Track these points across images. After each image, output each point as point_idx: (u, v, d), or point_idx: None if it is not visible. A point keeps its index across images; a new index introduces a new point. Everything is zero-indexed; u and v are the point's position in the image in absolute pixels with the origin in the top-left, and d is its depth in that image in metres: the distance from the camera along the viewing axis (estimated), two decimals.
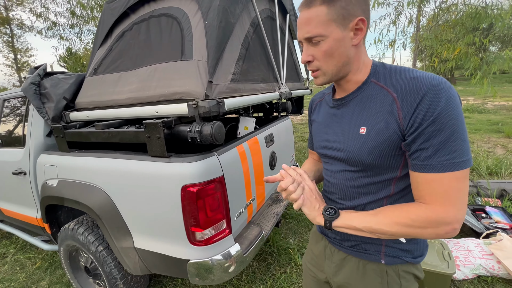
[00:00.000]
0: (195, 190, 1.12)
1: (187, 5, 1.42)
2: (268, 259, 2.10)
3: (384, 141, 0.59)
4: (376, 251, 0.70)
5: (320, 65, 0.65)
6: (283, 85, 2.09)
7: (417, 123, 0.53)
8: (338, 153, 0.71)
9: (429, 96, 0.52)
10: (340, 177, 0.72)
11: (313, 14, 0.60)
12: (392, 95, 0.59)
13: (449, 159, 0.52)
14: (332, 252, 0.81)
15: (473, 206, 2.40)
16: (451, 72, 20.23)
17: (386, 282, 0.69)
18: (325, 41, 0.61)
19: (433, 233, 0.55)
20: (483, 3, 3.03)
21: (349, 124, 0.68)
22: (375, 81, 0.64)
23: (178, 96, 1.26)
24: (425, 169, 0.54)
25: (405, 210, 0.58)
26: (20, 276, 2.13)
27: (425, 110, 0.52)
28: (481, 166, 3.53)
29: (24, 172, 1.79)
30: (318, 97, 0.88)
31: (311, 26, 0.61)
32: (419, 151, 0.54)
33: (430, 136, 0.52)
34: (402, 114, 0.56)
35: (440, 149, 0.52)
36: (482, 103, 9.73)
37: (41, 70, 1.77)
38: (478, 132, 5.79)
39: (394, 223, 0.58)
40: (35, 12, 6.30)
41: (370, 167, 0.64)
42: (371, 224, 0.60)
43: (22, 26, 19.46)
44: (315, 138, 0.82)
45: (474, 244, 1.86)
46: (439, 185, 0.53)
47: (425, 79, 0.54)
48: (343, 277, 0.77)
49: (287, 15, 2.40)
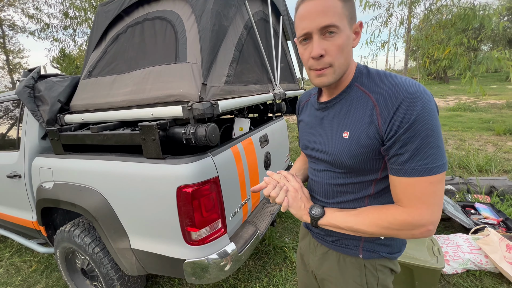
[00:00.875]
0: (190, 191, 1.14)
1: (180, 9, 1.44)
2: (264, 257, 2.13)
3: (365, 146, 0.61)
4: (355, 246, 0.74)
5: (332, 60, 0.60)
6: (277, 86, 2.12)
7: (394, 129, 0.55)
8: (322, 155, 0.73)
9: (406, 104, 0.54)
10: (323, 176, 0.75)
11: (330, 4, 0.58)
12: (373, 101, 0.60)
13: (424, 164, 0.54)
14: (316, 246, 0.85)
15: (463, 202, 2.47)
16: (444, 71, 20.54)
17: (364, 275, 0.74)
18: (339, 35, 0.59)
19: (409, 234, 0.59)
20: (471, 4, 3.11)
21: (333, 128, 0.69)
22: (358, 85, 0.66)
23: (173, 99, 1.28)
24: (402, 173, 0.57)
25: (384, 212, 0.62)
26: (15, 279, 2.12)
27: (402, 117, 0.54)
28: (471, 163, 3.61)
29: (19, 175, 1.79)
30: (305, 98, 0.89)
31: (328, 15, 0.58)
32: (396, 156, 0.57)
33: (405, 142, 0.54)
34: (381, 120, 0.58)
35: (415, 155, 0.54)
36: (474, 102, 9.91)
37: (35, 73, 1.77)
38: (470, 130, 5.91)
39: (374, 224, 0.62)
40: (27, 13, 6.23)
41: (352, 170, 0.67)
42: (352, 224, 0.65)
43: (14, 27, 19.18)
44: (302, 138, 0.84)
45: (463, 240, 1.92)
46: (414, 189, 0.56)
47: (404, 87, 0.56)
48: (325, 270, 0.81)
49: (281, 16, 2.43)
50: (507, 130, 5.39)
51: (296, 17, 0.64)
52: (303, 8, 0.61)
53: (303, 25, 0.61)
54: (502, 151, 4.28)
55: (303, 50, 0.64)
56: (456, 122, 6.92)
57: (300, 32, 0.62)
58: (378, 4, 3.43)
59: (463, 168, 3.69)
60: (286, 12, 2.55)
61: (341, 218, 0.67)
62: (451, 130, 6.07)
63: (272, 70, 2.11)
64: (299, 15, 0.62)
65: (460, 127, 6.24)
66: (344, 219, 0.66)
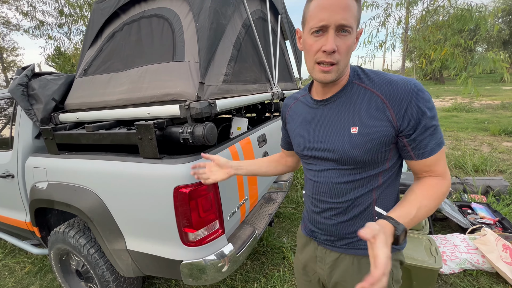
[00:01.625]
0: (187, 191, 1.13)
1: (178, 6, 1.42)
2: (262, 258, 2.12)
3: (377, 138, 0.65)
4: None
5: (339, 59, 0.62)
6: (275, 86, 2.11)
7: (412, 121, 0.62)
8: (326, 154, 0.72)
9: (415, 96, 0.61)
10: (328, 176, 0.73)
11: (350, 3, 0.58)
12: (379, 96, 0.64)
13: (439, 139, 0.64)
14: (324, 254, 0.81)
15: (459, 202, 2.48)
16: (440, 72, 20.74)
17: None
18: (351, 36, 0.61)
19: (446, 195, 0.67)
20: (467, 5, 3.14)
21: (338, 124, 0.69)
22: (357, 82, 0.68)
23: (170, 98, 1.26)
24: (430, 153, 0.64)
25: (435, 188, 0.66)
26: (9, 281, 2.08)
27: (416, 110, 0.61)
28: (467, 163, 3.64)
29: (12, 175, 1.76)
30: (291, 101, 0.88)
31: (348, 15, 0.58)
32: (421, 141, 0.63)
33: (426, 128, 0.62)
34: (394, 114, 0.63)
35: (434, 135, 0.63)
36: (469, 102, 10.01)
37: (28, 71, 1.73)
38: (466, 131, 5.97)
39: (435, 203, 0.64)
40: (21, 11, 6.13)
41: (362, 164, 0.68)
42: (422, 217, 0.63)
43: (8, 24, 18.89)
44: (296, 140, 0.82)
45: (460, 240, 1.93)
46: (440, 160, 0.65)
47: (405, 83, 0.63)
48: (338, 276, 0.78)
49: (279, 16, 2.42)
50: (502, 130, 5.45)
51: (313, 5, 0.61)
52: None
53: (322, 15, 0.59)
54: (498, 151, 4.32)
55: (313, 42, 0.62)
56: (452, 122, 6.98)
57: (316, 23, 0.60)
58: (376, 4, 3.44)
59: (459, 168, 3.72)
60: (285, 11, 2.54)
61: (416, 220, 0.61)
62: (447, 130, 6.12)
63: (270, 69, 2.09)
64: (319, 5, 0.60)
65: (456, 128, 6.29)
66: (418, 219, 0.61)
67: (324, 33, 0.60)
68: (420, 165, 0.67)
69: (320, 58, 0.62)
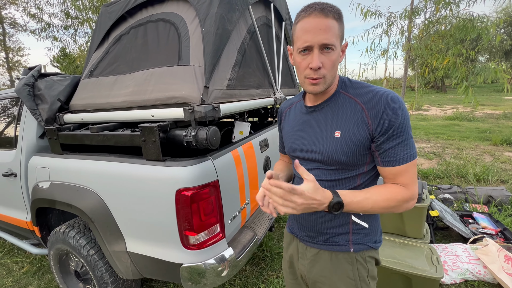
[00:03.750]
0: (189, 194, 1.13)
1: (184, 11, 1.45)
2: (261, 263, 2.11)
3: (356, 142, 0.71)
4: (345, 241, 0.79)
5: (325, 73, 0.69)
6: (278, 91, 2.13)
7: (384, 127, 0.67)
8: (313, 155, 0.79)
9: (390, 107, 0.67)
10: (315, 175, 0.75)
11: (331, 24, 0.66)
12: (360, 104, 0.71)
13: (410, 152, 0.68)
14: (305, 250, 0.86)
15: (461, 212, 2.47)
16: (441, 81, 20.79)
17: (356, 269, 0.79)
18: (334, 52, 0.68)
19: (404, 207, 0.70)
20: (470, 16, 3.17)
21: (324, 128, 0.76)
22: (343, 92, 0.76)
23: (174, 101, 1.27)
24: (397, 162, 0.69)
25: (393, 192, 0.70)
26: (6, 280, 2.07)
27: (389, 118, 0.67)
28: (469, 173, 3.63)
29: (15, 174, 1.76)
30: (287, 105, 0.95)
31: (329, 34, 0.66)
32: (389, 150, 0.69)
33: (395, 137, 0.67)
34: (371, 120, 0.69)
35: (404, 146, 0.68)
36: (471, 112, 10.01)
37: (35, 71, 1.75)
38: (467, 140, 5.96)
39: (386, 204, 0.69)
40: (28, 12, 6.23)
41: (343, 165, 0.74)
42: (368, 208, 0.69)
43: (15, 25, 19.16)
44: (288, 142, 0.88)
45: (462, 249, 1.91)
46: (408, 172, 0.69)
47: (384, 93, 0.69)
48: (317, 272, 0.83)
49: (283, 22, 2.45)
50: (504, 140, 5.44)
51: (298, 27, 0.69)
52: (307, 22, 0.67)
53: (306, 37, 0.67)
54: (499, 161, 4.31)
55: (301, 59, 0.71)
56: (454, 131, 6.97)
57: (301, 44, 0.68)
58: (379, 13, 3.48)
59: (461, 177, 3.70)
60: (289, 18, 2.57)
61: (358, 206, 0.68)
62: (449, 139, 6.12)
63: (274, 75, 2.11)
64: (302, 28, 0.68)
65: (458, 136, 6.29)
66: (361, 206, 0.69)
67: (310, 52, 0.68)
68: (386, 173, 0.72)
69: (309, 74, 0.70)
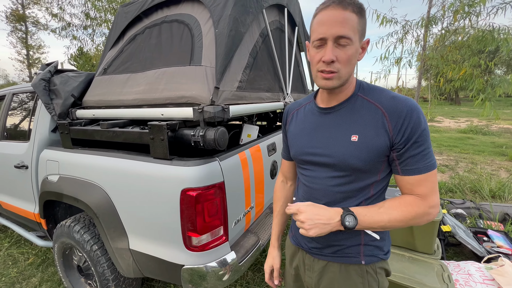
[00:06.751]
0: (194, 194, 1.12)
1: (199, 13, 1.46)
2: (263, 270, 2.06)
3: (374, 148, 0.68)
4: (356, 253, 0.76)
5: (340, 67, 0.66)
6: (288, 95, 2.11)
7: (406, 136, 0.65)
8: (324, 159, 0.74)
9: (414, 115, 0.64)
10: (325, 183, 0.75)
11: (348, 16, 0.63)
12: (381, 109, 0.68)
13: (430, 161, 0.66)
14: (312, 262, 0.83)
15: (475, 228, 2.36)
16: (456, 92, 20.31)
17: (366, 281, 0.76)
18: (351, 47, 0.65)
19: (425, 220, 0.67)
20: (489, 27, 3.08)
21: (339, 132, 0.72)
22: (361, 95, 0.72)
23: (184, 100, 1.27)
24: (417, 172, 0.66)
25: (409, 204, 0.67)
26: (11, 271, 2.10)
27: (412, 126, 0.64)
28: (484, 188, 3.49)
29: (26, 166, 1.80)
30: (294, 107, 0.89)
31: (346, 27, 0.63)
32: (409, 158, 0.66)
33: (416, 146, 0.65)
34: (392, 126, 0.66)
35: (425, 155, 0.66)
36: (486, 125, 9.71)
37: (52, 67, 1.80)
38: (482, 154, 5.75)
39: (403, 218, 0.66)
40: (51, 12, 6.49)
41: (358, 171, 0.70)
42: (384, 223, 0.67)
43: (37, 24, 19.99)
44: (296, 145, 0.83)
45: (475, 268, 1.82)
46: (427, 181, 0.66)
47: (406, 100, 0.66)
48: (325, 284, 0.80)
49: (296, 27, 2.45)
50: None
51: (315, 21, 0.68)
52: (324, 14, 0.65)
53: (321, 29, 0.65)
54: None
55: (314, 53, 0.68)
56: (468, 144, 6.75)
57: (316, 36, 0.66)
58: (395, 21, 3.43)
59: (475, 192, 3.56)
60: (302, 24, 2.56)
61: (373, 220, 0.67)
62: (462, 152, 5.92)
63: (284, 79, 2.10)
64: (318, 20, 0.66)
65: (472, 150, 6.08)
66: (376, 220, 0.67)
67: (324, 45, 0.66)
68: (404, 182, 0.69)
69: (321, 67, 0.67)
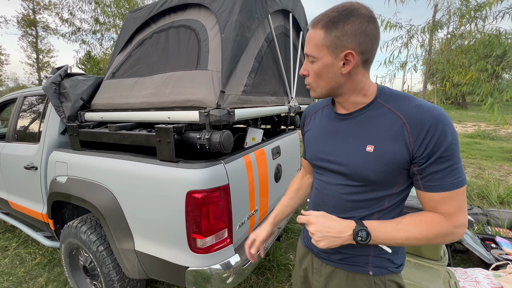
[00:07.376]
0: (200, 197, 1.13)
1: (205, 18, 1.49)
2: (267, 273, 2.06)
3: (391, 160, 0.64)
4: (364, 263, 0.73)
5: (310, 81, 0.71)
6: (292, 99, 2.12)
7: (428, 149, 0.60)
8: (338, 167, 0.72)
9: (440, 127, 0.59)
10: (337, 190, 0.73)
11: (313, 35, 0.66)
12: (402, 119, 0.63)
13: (458, 178, 0.61)
14: (320, 266, 0.82)
15: (482, 235, 2.32)
16: (462, 97, 20.05)
17: None
18: (316, 63, 0.67)
19: (450, 239, 0.63)
20: (496, 31, 3.06)
21: (354, 140, 0.69)
22: (381, 102, 0.68)
23: (191, 104, 1.29)
24: (442, 188, 0.61)
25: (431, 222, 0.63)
26: (19, 270, 2.14)
27: (436, 139, 0.59)
28: (491, 194, 3.42)
29: (36, 167, 1.84)
30: (313, 109, 0.90)
31: (309, 45, 0.68)
32: (433, 173, 0.61)
33: (441, 161, 0.60)
34: (413, 138, 0.61)
35: (451, 171, 0.60)
36: (494, 130, 9.55)
37: (62, 71, 1.85)
38: (490, 159, 5.65)
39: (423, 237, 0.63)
40: (61, 17, 6.66)
41: (372, 183, 0.67)
42: (401, 241, 0.64)
43: (47, 28, 20.51)
44: (310, 148, 0.82)
45: (483, 275, 1.78)
46: (453, 200, 0.61)
47: (431, 109, 0.61)
48: None
49: (301, 32, 2.47)
50: None
51: None
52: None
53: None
54: None
55: None
56: (475, 149, 6.65)
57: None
58: (400, 26, 3.44)
59: (483, 198, 3.50)
60: (307, 29, 2.59)
61: (389, 236, 0.64)
62: (469, 158, 5.83)
63: (289, 83, 2.12)
64: None
65: (479, 155, 5.98)
66: (393, 237, 0.64)
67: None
68: (426, 198, 0.65)
69: None
